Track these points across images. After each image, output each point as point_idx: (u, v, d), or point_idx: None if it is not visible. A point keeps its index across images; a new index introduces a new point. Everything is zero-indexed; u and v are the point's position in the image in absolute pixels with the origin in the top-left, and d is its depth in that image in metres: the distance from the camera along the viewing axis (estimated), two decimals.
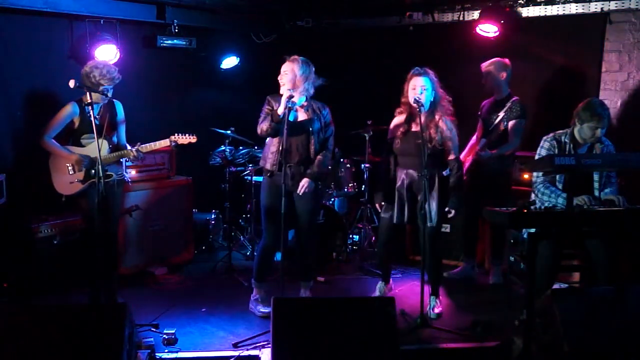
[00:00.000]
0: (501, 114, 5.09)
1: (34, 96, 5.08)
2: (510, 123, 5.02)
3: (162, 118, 6.08)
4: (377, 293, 4.86)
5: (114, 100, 4.46)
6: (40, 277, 4.73)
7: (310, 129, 4.39)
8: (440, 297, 4.77)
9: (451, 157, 4.50)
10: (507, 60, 5.16)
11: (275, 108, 4.28)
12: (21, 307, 3.72)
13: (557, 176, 4.08)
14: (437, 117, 4.43)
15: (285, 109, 4.18)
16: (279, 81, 4.40)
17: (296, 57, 4.39)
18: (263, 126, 4.33)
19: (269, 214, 4.47)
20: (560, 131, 4.19)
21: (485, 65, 5.18)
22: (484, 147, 5.05)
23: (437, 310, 4.58)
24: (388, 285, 4.94)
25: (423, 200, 4.37)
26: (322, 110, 4.48)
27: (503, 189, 5.19)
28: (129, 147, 4.46)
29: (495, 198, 4.94)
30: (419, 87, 4.37)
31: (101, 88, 4.23)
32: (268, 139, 4.49)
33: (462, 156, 5.43)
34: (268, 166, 4.44)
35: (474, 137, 5.43)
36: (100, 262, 4.30)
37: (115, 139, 4.50)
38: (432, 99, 4.39)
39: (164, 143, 4.46)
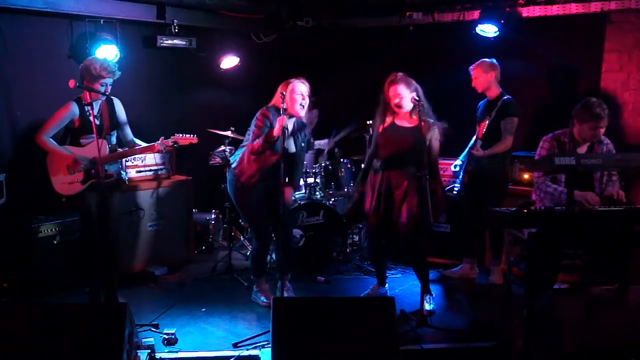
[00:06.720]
0: (493, 114, 5.09)
1: (34, 96, 5.06)
2: (502, 122, 5.02)
3: (162, 118, 6.07)
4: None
5: (112, 98, 4.43)
6: (40, 277, 4.73)
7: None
8: (440, 297, 4.73)
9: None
10: (493, 60, 5.15)
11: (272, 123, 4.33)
12: (21, 307, 3.71)
13: (559, 175, 4.08)
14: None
15: (280, 130, 4.20)
16: (298, 101, 4.39)
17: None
18: (256, 146, 4.34)
19: (262, 214, 4.54)
20: (560, 131, 4.19)
21: (471, 68, 5.19)
22: (478, 147, 5.07)
23: (428, 307, 4.52)
24: (382, 288, 4.87)
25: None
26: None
27: (500, 188, 5.19)
28: (141, 143, 4.46)
29: (494, 198, 4.96)
30: (395, 96, 4.47)
31: (101, 81, 4.20)
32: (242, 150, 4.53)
33: (462, 158, 5.44)
34: (245, 180, 4.48)
35: (473, 139, 5.43)
36: (100, 262, 4.31)
37: (114, 139, 4.47)
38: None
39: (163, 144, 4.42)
